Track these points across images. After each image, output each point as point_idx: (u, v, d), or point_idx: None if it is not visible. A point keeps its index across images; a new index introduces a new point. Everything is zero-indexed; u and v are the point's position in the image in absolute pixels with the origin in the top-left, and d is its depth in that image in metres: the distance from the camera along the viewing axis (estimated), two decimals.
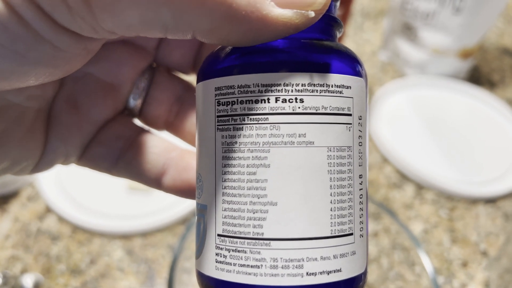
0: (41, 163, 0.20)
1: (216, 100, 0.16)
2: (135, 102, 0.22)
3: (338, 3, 0.18)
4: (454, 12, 0.56)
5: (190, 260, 0.38)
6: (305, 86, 0.15)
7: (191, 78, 0.24)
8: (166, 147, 0.22)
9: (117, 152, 0.21)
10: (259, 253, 0.15)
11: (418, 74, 0.63)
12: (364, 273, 0.17)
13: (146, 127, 0.23)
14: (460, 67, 0.62)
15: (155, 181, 0.22)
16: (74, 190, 0.46)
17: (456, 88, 0.61)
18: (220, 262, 0.16)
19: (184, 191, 0.21)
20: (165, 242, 0.42)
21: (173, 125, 0.23)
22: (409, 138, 0.54)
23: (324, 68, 0.15)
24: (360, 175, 0.16)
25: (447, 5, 0.56)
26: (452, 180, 0.49)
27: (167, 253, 0.41)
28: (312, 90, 0.15)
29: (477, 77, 0.66)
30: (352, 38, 0.72)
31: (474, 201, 0.48)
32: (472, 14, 0.56)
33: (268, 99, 0.15)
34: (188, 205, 0.44)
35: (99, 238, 0.43)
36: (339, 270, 0.15)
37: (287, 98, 0.15)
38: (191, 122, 0.22)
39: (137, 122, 0.23)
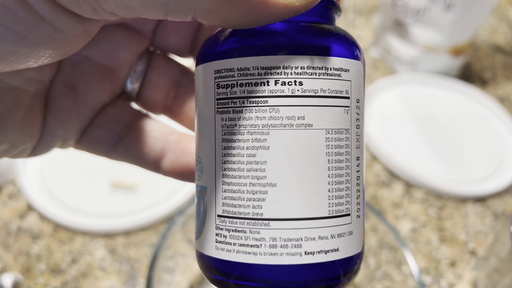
0: (39, 147, 0.20)
1: (216, 83, 0.16)
2: (132, 86, 0.23)
3: None
4: (445, 9, 0.56)
5: (173, 260, 0.37)
6: (304, 69, 0.15)
7: (189, 62, 0.24)
8: (164, 131, 0.22)
9: (116, 136, 0.22)
10: (258, 232, 0.16)
11: (409, 71, 0.63)
12: (361, 253, 0.17)
13: (144, 111, 0.23)
14: (451, 64, 0.62)
15: (154, 165, 0.22)
16: (56, 187, 0.46)
17: (447, 85, 0.61)
18: (220, 242, 0.16)
19: (183, 174, 0.22)
20: (149, 241, 0.42)
21: (170, 109, 0.23)
22: (399, 136, 0.54)
23: (323, 51, 0.16)
24: (357, 157, 0.17)
25: (438, 2, 0.56)
26: (441, 178, 0.49)
27: (150, 252, 0.41)
28: (311, 73, 0.15)
29: (468, 74, 0.66)
30: None
31: (463, 199, 0.48)
32: (464, 10, 0.56)
33: (268, 81, 0.15)
34: (172, 203, 0.44)
35: (81, 236, 0.42)
36: (337, 250, 0.16)
37: (287, 81, 0.15)
38: (189, 106, 0.23)
39: (135, 106, 0.24)
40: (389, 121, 0.56)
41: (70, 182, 0.47)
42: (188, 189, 0.45)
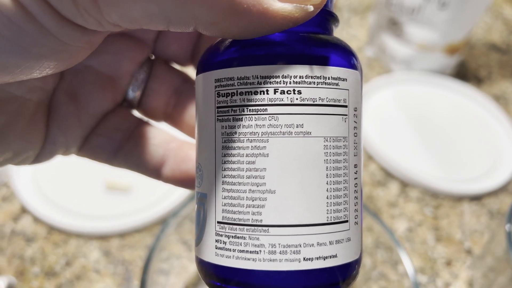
0: (42, 154, 0.21)
1: (216, 92, 0.17)
2: (134, 94, 0.23)
3: None
4: (440, 7, 0.56)
5: (168, 262, 0.37)
6: (303, 78, 0.16)
7: (189, 71, 0.24)
8: (165, 138, 0.23)
9: (117, 143, 0.22)
10: (257, 239, 0.16)
11: (404, 70, 0.63)
12: (359, 259, 0.18)
13: (145, 118, 0.24)
14: (446, 63, 0.62)
15: (154, 172, 0.23)
16: (50, 190, 0.46)
17: (443, 84, 0.61)
18: (220, 248, 0.17)
19: (183, 181, 0.22)
20: (143, 243, 0.42)
21: (171, 117, 0.24)
22: (394, 135, 0.54)
23: (321, 61, 0.16)
24: (355, 165, 0.17)
25: (432, 0, 0.56)
26: (437, 177, 0.49)
27: (145, 254, 0.41)
28: (310, 82, 0.16)
29: (463, 73, 0.66)
30: (338, 34, 0.71)
31: (459, 198, 0.48)
32: (458, 9, 0.56)
33: (267, 90, 0.16)
34: (167, 205, 0.44)
35: (76, 239, 0.42)
36: (335, 256, 0.16)
37: (285, 89, 0.16)
38: (189, 113, 0.23)
39: (136, 113, 0.24)
40: (384, 120, 0.56)
41: (64, 184, 0.47)
42: (183, 190, 0.45)
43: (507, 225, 0.34)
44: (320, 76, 0.16)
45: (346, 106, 0.17)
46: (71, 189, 0.46)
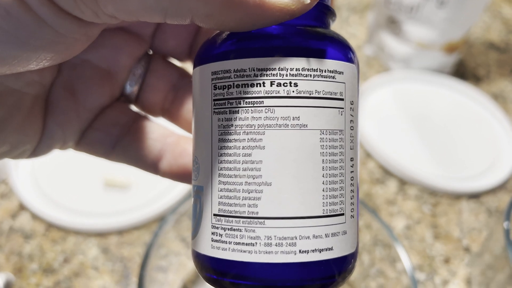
0: (39, 148, 0.21)
1: (213, 84, 0.17)
2: (131, 89, 0.23)
3: None
4: (439, 6, 0.56)
5: (166, 259, 0.37)
6: (299, 70, 0.16)
7: (187, 66, 0.24)
8: (162, 133, 0.23)
9: (114, 138, 0.22)
10: (253, 231, 0.16)
11: (403, 68, 0.63)
12: (355, 253, 0.18)
13: (142, 113, 0.24)
14: (445, 61, 0.62)
15: (152, 166, 0.23)
16: (48, 187, 0.46)
17: (441, 82, 0.61)
18: (216, 240, 0.17)
19: (180, 176, 0.22)
20: (142, 240, 0.42)
21: (169, 112, 0.24)
22: (393, 133, 0.54)
23: (318, 54, 0.16)
24: (351, 158, 0.17)
25: None
26: (435, 175, 0.49)
27: (143, 251, 0.41)
28: (306, 74, 0.16)
29: (462, 71, 0.66)
30: (337, 32, 0.71)
31: (457, 196, 0.48)
32: (457, 7, 0.56)
33: (264, 83, 0.16)
34: (165, 202, 0.44)
35: (74, 236, 0.42)
36: (331, 249, 0.16)
37: (282, 82, 0.16)
38: (187, 108, 0.23)
39: (134, 108, 0.24)
40: (383, 118, 0.56)
41: (62, 181, 0.46)
42: (181, 187, 0.45)
43: (505, 223, 0.34)
44: (317, 69, 0.16)
45: (342, 99, 0.17)
46: (70, 186, 0.46)
